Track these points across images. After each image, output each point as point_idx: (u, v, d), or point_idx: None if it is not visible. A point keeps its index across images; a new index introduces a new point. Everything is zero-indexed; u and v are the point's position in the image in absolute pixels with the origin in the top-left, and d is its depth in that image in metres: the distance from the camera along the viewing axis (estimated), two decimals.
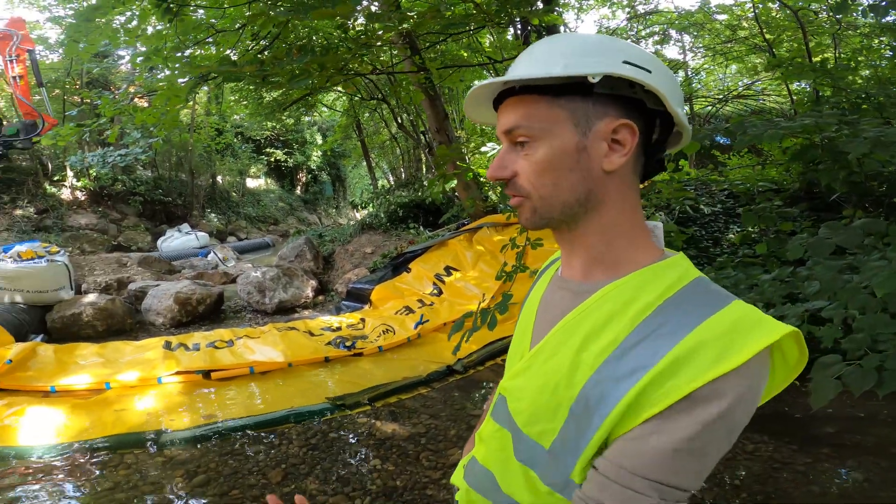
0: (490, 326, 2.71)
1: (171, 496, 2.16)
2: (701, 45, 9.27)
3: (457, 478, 0.80)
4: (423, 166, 11.58)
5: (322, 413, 2.98)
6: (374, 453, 2.52)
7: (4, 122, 9.57)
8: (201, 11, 3.80)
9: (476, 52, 6.98)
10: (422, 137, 8.65)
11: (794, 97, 6.43)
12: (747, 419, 0.51)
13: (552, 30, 3.66)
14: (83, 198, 10.41)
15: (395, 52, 5.42)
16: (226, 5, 3.55)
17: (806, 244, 2.06)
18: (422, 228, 7.81)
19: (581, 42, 0.60)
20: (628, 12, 9.12)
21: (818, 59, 5.15)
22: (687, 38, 9.29)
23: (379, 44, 3.16)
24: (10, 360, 3.36)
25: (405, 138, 11.79)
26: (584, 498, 0.55)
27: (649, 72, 0.58)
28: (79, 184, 10.35)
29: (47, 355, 3.70)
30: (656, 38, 8.97)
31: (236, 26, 3.80)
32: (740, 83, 9.92)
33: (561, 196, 0.61)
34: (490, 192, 5.54)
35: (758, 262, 3.17)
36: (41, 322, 4.84)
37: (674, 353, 0.51)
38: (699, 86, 10.10)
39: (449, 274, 5.88)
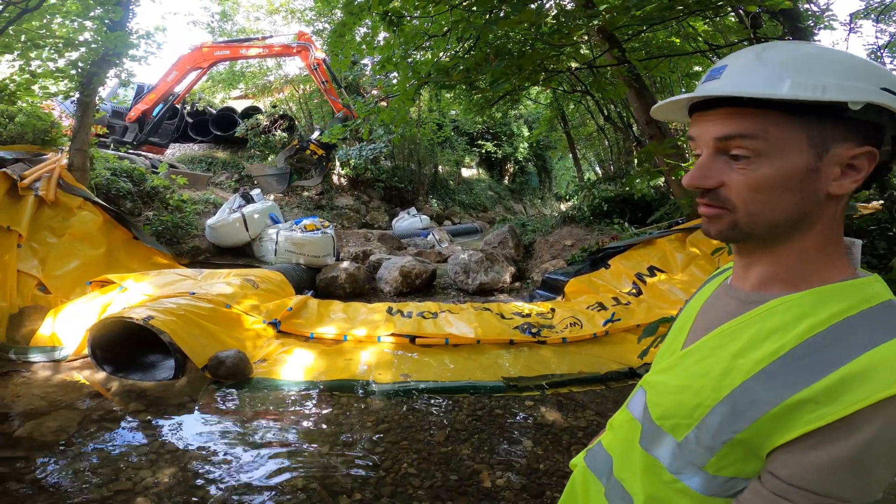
0: None
1: (358, 436, 2.64)
2: None
3: (577, 459, 0.89)
4: (634, 160, 10.77)
5: (495, 389, 3.22)
6: (528, 435, 2.65)
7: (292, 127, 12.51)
8: (416, 21, 4.40)
9: (688, 38, 6.07)
10: (630, 130, 8.03)
11: None
12: None
13: (789, 14, 3.00)
14: (345, 183, 13.06)
15: (595, 45, 5.16)
16: (432, 13, 4.01)
17: None
18: (627, 224, 7.37)
19: (834, 62, 0.57)
20: None
21: None
22: None
23: (574, 40, 3.17)
24: (291, 308, 4.36)
25: (613, 130, 11.13)
26: None
27: None
28: (342, 172, 13.03)
29: (313, 308, 4.65)
30: None
31: (444, 30, 4.25)
32: None
33: (772, 215, 0.60)
34: None
35: None
36: (312, 280, 6.11)
37: (842, 371, 0.51)
38: None
39: (652, 275, 5.46)
